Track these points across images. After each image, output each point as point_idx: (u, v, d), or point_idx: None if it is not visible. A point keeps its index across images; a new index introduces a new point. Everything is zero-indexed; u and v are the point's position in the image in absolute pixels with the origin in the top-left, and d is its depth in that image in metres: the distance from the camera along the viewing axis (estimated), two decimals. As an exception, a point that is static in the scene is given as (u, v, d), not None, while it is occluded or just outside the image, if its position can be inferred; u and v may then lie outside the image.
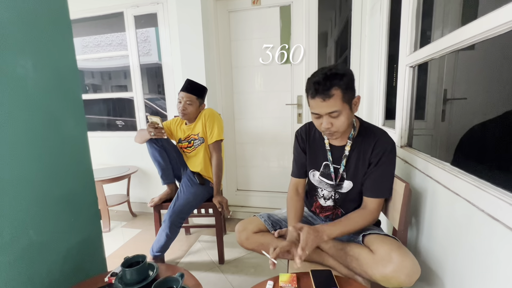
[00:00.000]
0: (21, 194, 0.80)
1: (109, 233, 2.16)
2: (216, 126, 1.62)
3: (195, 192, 1.60)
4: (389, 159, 0.93)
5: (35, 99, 0.85)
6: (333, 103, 0.85)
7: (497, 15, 0.57)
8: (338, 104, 0.85)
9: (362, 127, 0.99)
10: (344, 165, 0.99)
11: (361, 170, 0.97)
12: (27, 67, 0.82)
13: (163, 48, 2.26)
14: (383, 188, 0.95)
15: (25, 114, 0.81)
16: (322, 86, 0.84)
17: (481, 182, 0.64)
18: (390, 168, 0.94)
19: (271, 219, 1.11)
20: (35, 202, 0.85)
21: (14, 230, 0.78)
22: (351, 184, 1.00)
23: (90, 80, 5.02)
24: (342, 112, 0.87)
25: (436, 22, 1.53)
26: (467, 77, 1.70)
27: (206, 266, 1.67)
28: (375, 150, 0.93)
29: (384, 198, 0.96)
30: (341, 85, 0.84)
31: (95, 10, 2.34)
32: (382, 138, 0.94)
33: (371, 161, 0.95)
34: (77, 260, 1.00)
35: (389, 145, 0.93)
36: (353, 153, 0.98)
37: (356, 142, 0.98)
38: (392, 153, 0.93)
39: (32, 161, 0.84)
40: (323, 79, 0.84)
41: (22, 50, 0.80)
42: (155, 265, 0.91)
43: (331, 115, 0.87)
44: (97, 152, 2.49)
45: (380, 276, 0.77)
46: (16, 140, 0.79)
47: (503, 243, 0.54)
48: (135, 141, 1.69)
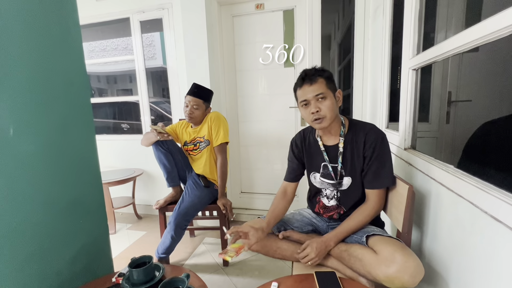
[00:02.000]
0: (33, 197, 0.83)
1: (115, 235, 2.19)
2: (221, 128, 1.64)
3: (200, 195, 1.62)
4: (382, 149, 0.96)
5: (45, 104, 0.87)
6: (319, 87, 0.96)
7: (500, 18, 0.57)
8: (323, 87, 0.97)
9: (351, 124, 1.05)
10: (341, 162, 1.02)
11: (358, 165, 1.01)
12: (38, 72, 0.85)
13: (168, 52, 2.30)
14: (383, 178, 0.97)
15: (35, 119, 0.84)
16: (308, 75, 0.98)
17: (484, 184, 0.64)
18: (386, 157, 0.97)
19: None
20: (46, 205, 0.87)
21: (24, 233, 0.80)
22: (350, 180, 1.03)
23: (96, 84, 5.10)
24: (327, 97, 0.97)
25: (439, 25, 1.53)
26: (471, 79, 1.69)
27: (210, 268, 1.68)
28: (367, 144, 0.98)
29: (386, 187, 0.99)
30: (323, 75, 0.98)
31: (102, 16, 2.39)
32: (371, 131, 0.99)
33: (366, 154, 0.98)
34: (86, 261, 1.02)
35: (379, 135, 0.97)
36: (347, 149, 1.02)
37: (347, 139, 1.02)
38: (383, 142, 0.97)
39: (43, 165, 0.86)
40: (308, 71, 0.99)
41: (33, 56, 0.83)
42: (161, 266, 0.92)
43: (318, 98, 0.97)
44: (103, 155, 2.50)
45: (384, 277, 0.78)
46: (26, 145, 0.81)
47: (506, 244, 0.55)
48: (142, 144, 1.72)
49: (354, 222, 0.98)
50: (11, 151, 0.76)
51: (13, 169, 0.77)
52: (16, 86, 0.78)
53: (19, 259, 0.78)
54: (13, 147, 0.77)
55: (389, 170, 0.98)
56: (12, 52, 0.76)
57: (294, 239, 1.07)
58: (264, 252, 1.05)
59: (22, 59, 0.79)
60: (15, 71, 0.77)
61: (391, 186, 1.00)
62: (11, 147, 0.76)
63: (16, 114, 0.78)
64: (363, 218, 0.98)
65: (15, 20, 0.77)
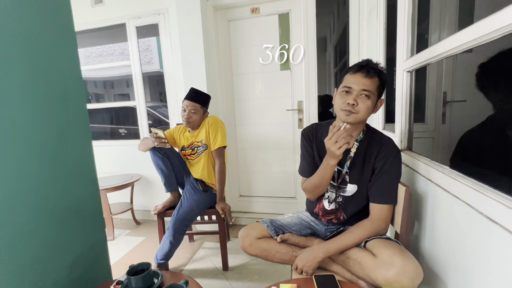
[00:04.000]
0: (29, 204, 0.82)
1: (113, 241, 2.17)
2: (219, 133, 1.64)
3: (198, 199, 1.61)
4: (393, 165, 0.93)
5: (41, 111, 0.87)
6: (371, 83, 0.91)
7: (492, 20, 0.58)
8: (373, 87, 0.91)
9: (370, 132, 1.01)
10: (348, 167, 1.00)
11: (366, 174, 0.97)
12: (32, 79, 0.85)
13: (164, 57, 2.30)
14: (388, 194, 0.94)
15: (31, 125, 0.84)
16: (369, 67, 0.92)
17: (479, 185, 0.65)
18: (395, 175, 0.94)
19: (274, 224, 1.11)
20: (42, 212, 0.86)
21: (21, 241, 0.80)
22: (356, 188, 1.00)
23: (93, 90, 5.08)
24: (371, 97, 0.91)
25: (433, 27, 1.55)
26: (466, 79, 1.71)
27: (210, 273, 1.67)
28: (379, 155, 0.94)
29: (391, 204, 0.94)
30: (381, 77, 0.93)
31: (99, 22, 2.39)
32: (387, 144, 0.95)
33: (375, 166, 0.95)
34: (83, 269, 1.01)
35: (393, 151, 0.94)
36: (359, 156, 0.99)
37: (362, 146, 0.99)
38: (396, 158, 0.93)
39: (39, 172, 0.86)
40: (372, 64, 0.93)
41: (28, 63, 0.83)
42: (160, 273, 0.91)
43: (362, 94, 0.91)
44: (100, 161, 2.50)
45: (383, 280, 0.77)
46: (23, 152, 0.81)
47: (501, 245, 0.55)
48: (139, 149, 1.71)
49: (350, 236, 0.94)
50: (6, 158, 0.76)
51: (8, 176, 0.76)
52: (11, 93, 0.78)
53: (15, 268, 0.77)
54: (8, 154, 0.76)
55: (395, 188, 0.94)
56: (6, 59, 0.76)
57: (292, 243, 1.06)
58: (263, 256, 1.05)
59: (16, 65, 0.79)
60: (9, 78, 0.77)
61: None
62: (6, 154, 0.76)
63: (11, 121, 0.77)
64: (361, 233, 0.93)
65: (8, 26, 0.77)
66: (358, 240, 0.93)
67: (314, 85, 2.06)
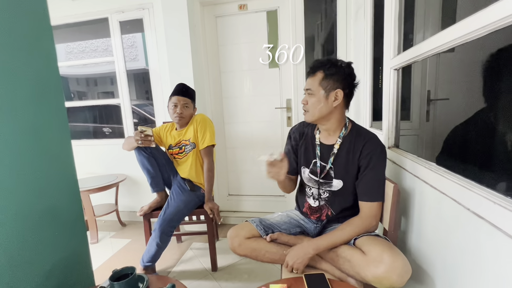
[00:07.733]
0: (1, 208, 0.76)
1: (97, 244, 2.09)
2: (208, 131, 1.61)
3: (185, 199, 1.57)
4: (378, 161, 0.94)
5: (13, 109, 0.81)
6: (311, 82, 0.97)
7: (473, 20, 0.59)
8: (314, 84, 0.96)
9: (354, 128, 1.02)
10: (332, 163, 1.00)
11: (352, 171, 0.98)
12: (2, 75, 0.79)
13: (150, 53, 2.23)
14: (376, 191, 0.94)
15: (4, 124, 0.78)
16: (313, 65, 0.99)
17: (466, 181, 0.65)
18: (382, 172, 0.95)
19: (263, 223, 1.10)
20: (16, 216, 0.81)
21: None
22: (341, 183, 1.01)
23: (75, 87, 4.89)
24: (314, 94, 0.96)
25: (418, 26, 1.58)
26: (448, 78, 1.76)
27: (199, 274, 1.64)
28: (364, 152, 0.94)
29: (379, 201, 0.94)
30: (325, 70, 0.95)
31: (79, 16, 2.29)
32: (371, 140, 0.96)
33: (361, 163, 0.96)
34: (62, 276, 0.96)
35: (378, 147, 0.94)
36: (343, 152, 0.99)
37: (345, 142, 0.99)
38: (382, 155, 0.94)
39: (12, 173, 0.80)
40: (315, 62, 0.99)
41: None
42: (145, 277, 0.88)
43: (306, 93, 0.99)
44: (83, 161, 2.41)
45: (372, 277, 0.78)
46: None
47: (488, 240, 0.56)
48: (123, 148, 1.65)
49: (340, 233, 0.94)
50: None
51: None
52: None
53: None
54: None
55: (382, 185, 0.95)
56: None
57: (282, 242, 1.05)
58: (253, 256, 1.03)
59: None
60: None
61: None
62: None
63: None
64: (351, 230, 0.93)
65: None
66: (349, 237, 0.93)
67: (302, 83, 2.06)
